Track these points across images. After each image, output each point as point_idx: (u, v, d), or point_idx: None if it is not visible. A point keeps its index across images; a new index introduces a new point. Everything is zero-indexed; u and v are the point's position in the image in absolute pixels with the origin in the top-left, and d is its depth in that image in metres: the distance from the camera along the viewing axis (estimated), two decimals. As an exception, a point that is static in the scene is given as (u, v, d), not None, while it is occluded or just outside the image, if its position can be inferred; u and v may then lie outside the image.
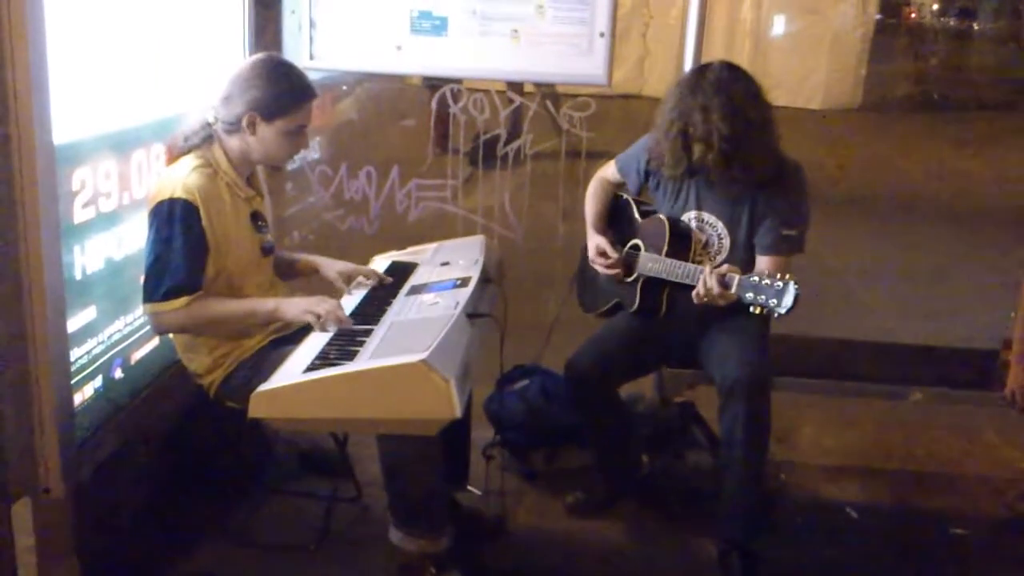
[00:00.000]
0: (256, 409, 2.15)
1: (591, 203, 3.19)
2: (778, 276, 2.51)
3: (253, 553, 2.85)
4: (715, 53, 3.26)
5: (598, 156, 3.49)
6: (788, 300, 2.46)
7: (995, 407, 3.29)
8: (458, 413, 2.09)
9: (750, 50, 13.03)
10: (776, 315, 2.50)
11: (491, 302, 2.76)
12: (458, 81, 3.61)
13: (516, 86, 3.78)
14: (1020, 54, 17.87)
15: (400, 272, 2.94)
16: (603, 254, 3.05)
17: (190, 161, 2.56)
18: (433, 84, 3.71)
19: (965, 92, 14.35)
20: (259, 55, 2.68)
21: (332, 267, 2.90)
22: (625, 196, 3.18)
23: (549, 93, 4.05)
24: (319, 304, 2.54)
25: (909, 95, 13.84)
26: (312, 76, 3.40)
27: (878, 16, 14.35)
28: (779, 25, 13.46)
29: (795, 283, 2.47)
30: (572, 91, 3.82)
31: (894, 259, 6.32)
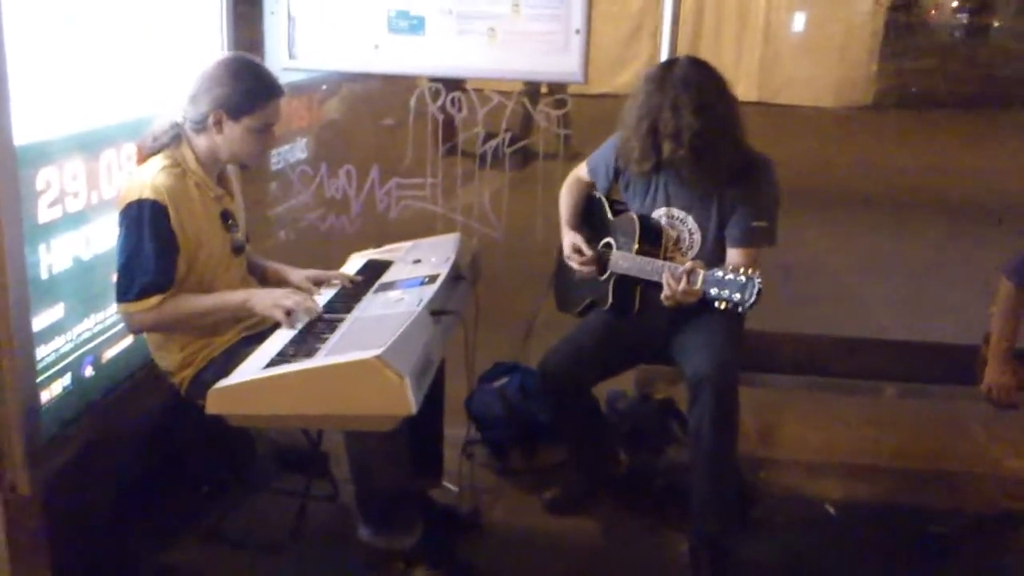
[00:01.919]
0: (214, 405, 2.17)
1: (565, 201, 3.20)
2: (742, 270, 2.50)
3: (227, 552, 2.86)
4: (726, 51, 3.29)
5: (579, 153, 3.49)
6: (750, 295, 2.45)
7: (979, 403, 3.27)
8: (413, 410, 2.09)
9: (761, 48, 13.01)
10: (740, 309, 2.49)
11: (461, 300, 2.76)
12: (439, 80, 3.62)
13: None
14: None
15: (375, 270, 2.95)
16: (578, 251, 3.06)
17: (159, 161, 2.58)
18: (414, 83, 3.72)
19: (977, 89, 14.24)
20: (227, 54, 2.71)
21: (299, 274, 2.91)
22: (598, 195, 3.18)
23: (530, 91, 4.06)
24: (288, 297, 2.56)
25: (920, 92, 13.73)
26: (294, 76, 3.45)
27: (890, 13, 14.26)
28: (790, 23, 13.41)
29: (758, 277, 2.46)
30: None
31: (900, 256, 6.29)
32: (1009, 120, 11.78)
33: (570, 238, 3.11)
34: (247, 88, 2.59)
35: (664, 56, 3.23)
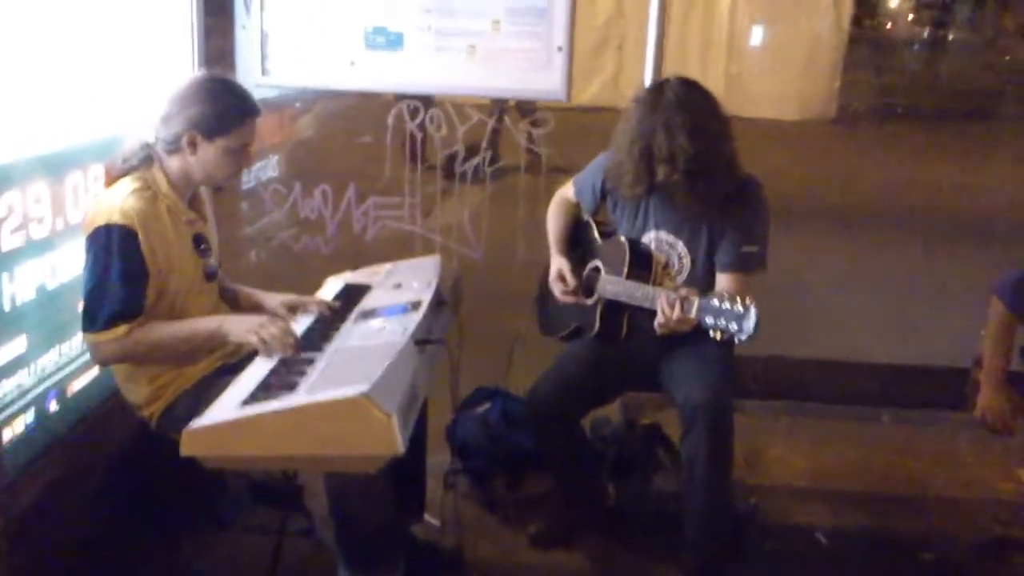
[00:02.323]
0: (189, 447, 2.04)
1: (552, 223, 3.11)
2: (738, 300, 2.42)
3: (200, 592, 2.74)
4: (691, 66, 3.22)
5: (561, 171, 3.42)
6: (749, 326, 2.37)
7: (968, 427, 3.21)
8: (401, 449, 1.98)
9: (725, 62, 13.06)
10: (737, 341, 2.41)
11: (444, 326, 2.66)
12: (416, 97, 3.52)
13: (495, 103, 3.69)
14: (993, 63, 17.99)
15: (353, 295, 2.83)
16: (563, 279, 2.97)
17: (128, 184, 2.45)
18: (392, 100, 3.62)
19: (938, 101, 14.41)
20: (200, 72, 2.59)
21: (274, 300, 2.79)
22: (586, 217, 3.10)
23: (510, 108, 3.97)
24: (266, 327, 2.43)
25: (883, 106, 13.86)
26: (266, 93, 3.34)
27: (851, 28, 14.39)
28: (754, 37, 13.48)
29: (755, 307, 2.38)
30: (546, 105, 3.74)
31: (868, 272, 6.27)
32: (972, 133, 11.92)
33: (556, 263, 3.02)
34: (222, 108, 2.48)
35: (648, 76, 3.16)
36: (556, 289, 2.98)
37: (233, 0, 3.38)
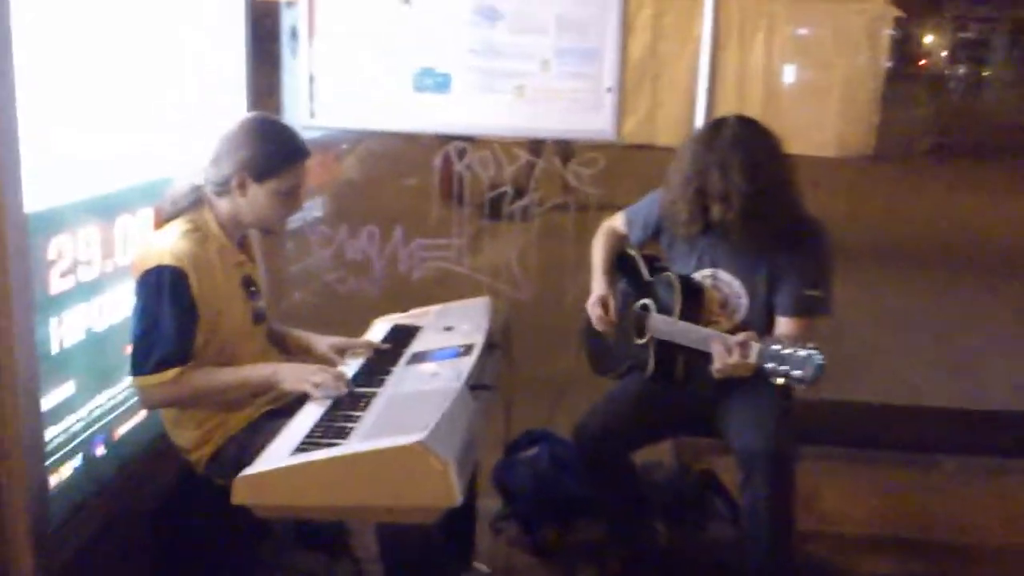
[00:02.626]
0: (239, 495, 1.99)
1: (597, 252, 3.05)
2: (800, 344, 2.34)
3: (245, 640, 2.67)
4: (726, 102, 3.16)
5: (608, 209, 3.37)
6: (812, 372, 2.29)
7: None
8: (458, 500, 1.92)
9: (762, 98, 13.01)
10: (802, 386, 2.33)
11: (496, 370, 2.60)
12: (465, 138, 3.50)
13: (535, 143, 3.68)
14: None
15: (401, 337, 2.78)
16: (604, 306, 2.90)
17: (179, 226, 2.44)
18: (439, 141, 3.61)
19: (978, 137, 14.27)
20: (250, 114, 2.58)
21: (323, 342, 2.75)
22: (631, 252, 3.04)
23: (558, 150, 3.94)
24: (318, 372, 2.39)
25: (922, 142, 13.74)
26: (312, 134, 3.33)
27: (889, 64, 14.32)
28: (790, 74, 13.45)
29: (820, 353, 2.30)
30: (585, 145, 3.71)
31: (914, 311, 6.15)
32: (1013, 168, 11.77)
33: (599, 290, 2.96)
34: (272, 150, 2.45)
35: (699, 114, 3.11)
36: (593, 313, 2.92)
37: (280, 43, 3.38)
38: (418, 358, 2.53)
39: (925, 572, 3.18)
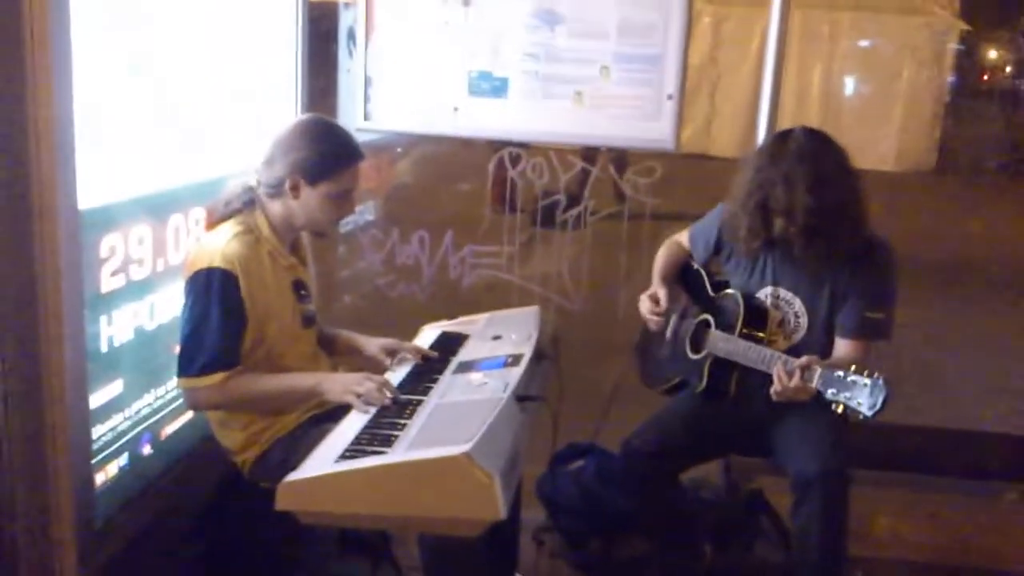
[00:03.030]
0: (283, 501, 1.97)
1: (660, 262, 3.01)
2: (865, 372, 2.27)
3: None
4: (785, 114, 3.08)
5: (663, 219, 3.32)
6: (876, 403, 2.22)
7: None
8: (503, 514, 1.88)
9: (820, 111, 12.81)
10: (862, 416, 2.25)
11: (544, 380, 2.56)
12: (520, 145, 3.47)
13: (590, 151, 3.64)
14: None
15: (449, 344, 2.75)
16: (655, 300, 2.84)
17: (231, 227, 2.43)
18: (494, 146, 3.57)
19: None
20: (304, 116, 2.56)
21: (373, 344, 2.73)
22: (696, 266, 2.97)
23: (614, 157, 3.89)
24: (362, 383, 2.36)
25: (986, 158, 13.44)
26: (366, 137, 3.31)
27: (952, 79, 14.04)
28: (850, 87, 13.24)
29: (886, 383, 2.22)
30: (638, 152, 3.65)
31: (974, 332, 5.99)
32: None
33: (654, 287, 2.90)
34: (326, 152, 2.43)
35: (762, 125, 3.04)
36: (644, 306, 2.86)
37: (337, 44, 3.37)
38: (465, 367, 2.50)
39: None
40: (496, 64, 3.20)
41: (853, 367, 2.31)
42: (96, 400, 2.21)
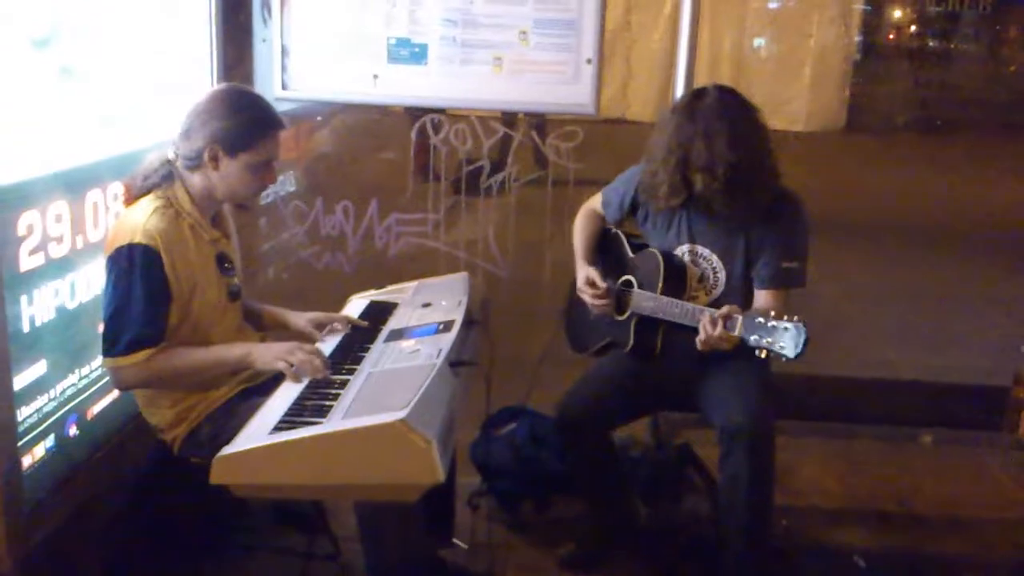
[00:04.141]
0: (218, 475, 1.96)
1: (579, 234, 3.03)
2: (785, 317, 2.34)
3: (223, 619, 2.65)
4: (700, 77, 3.12)
5: (585, 184, 3.34)
6: (797, 344, 2.29)
7: (1004, 447, 3.12)
8: (441, 477, 1.91)
9: (732, 73, 12.99)
10: (785, 359, 2.33)
11: (476, 346, 2.58)
12: (440, 111, 3.45)
13: (512, 116, 3.65)
14: (996, 75, 17.94)
15: (379, 313, 2.75)
16: (592, 284, 2.88)
17: (150, 202, 2.37)
18: (415, 113, 3.55)
19: (949, 112, 14.33)
20: (221, 85, 2.51)
21: (301, 317, 2.72)
22: (615, 229, 3.02)
23: (535, 122, 3.90)
24: (293, 352, 2.35)
25: (894, 116, 13.80)
26: (285, 106, 3.26)
27: (859, 38, 14.34)
28: (761, 48, 13.44)
29: (804, 325, 2.30)
30: (557, 117, 3.67)
31: (886, 285, 6.18)
32: (981, 144, 11.84)
33: (584, 271, 2.93)
34: (244, 122, 2.39)
35: (680, 86, 3.08)
36: (586, 296, 2.89)
37: (248, 13, 3.31)
38: (397, 335, 2.50)
39: (900, 544, 3.20)
40: (415, 31, 3.18)
41: (772, 313, 2.38)
42: (20, 382, 2.17)
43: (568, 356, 3.16)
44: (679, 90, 3.11)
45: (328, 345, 2.54)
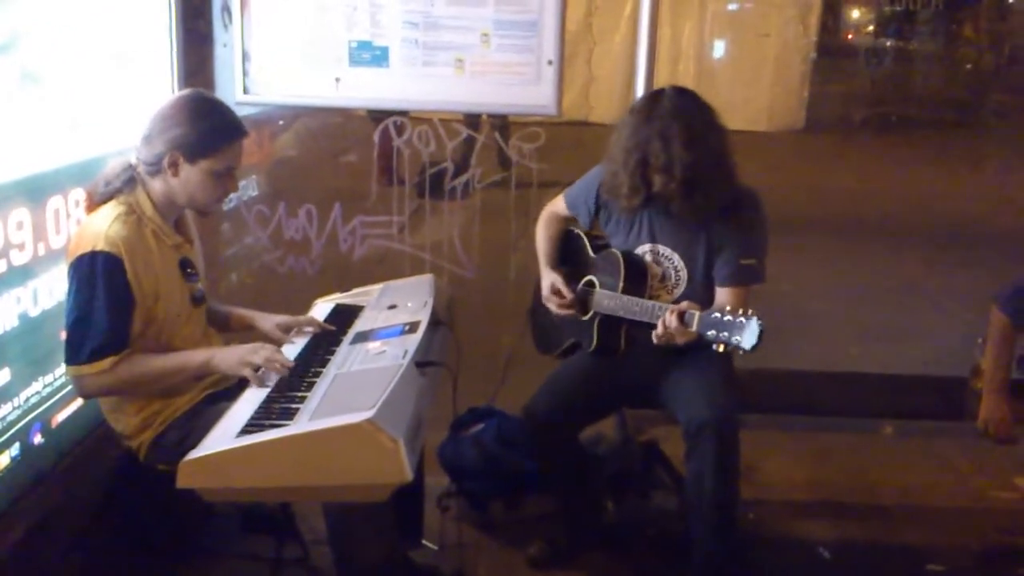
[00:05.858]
0: (185, 479, 1.96)
1: (542, 239, 3.06)
2: (740, 311, 2.38)
3: (193, 626, 2.64)
4: (659, 77, 3.16)
5: (548, 186, 3.36)
6: (752, 337, 2.33)
7: (967, 437, 3.18)
8: (409, 476, 1.92)
9: (694, 73, 13.09)
10: (740, 352, 2.37)
11: (442, 346, 2.59)
12: (402, 113, 3.46)
13: (474, 118, 3.65)
14: (953, 73, 18.26)
15: (344, 316, 2.76)
16: (557, 292, 2.91)
17: (112, 208, 2.37)
18: (377, 116, 3.55)
19: (905, 111, 14.54)
20: (185, 91, 2.51)
21: (268, 320, 2.72)
22: (576, 230, 3.04)
23: (498, 124, 3.92)
24: (256, 353, 2.35)
25: (852, 115, 13.97)
26: (247, 111, 3.26)
27: (817, 38, 14.50)
28: (722, 49, 13.55)
29: (758, 318, 2.34)
30: (517, 119, 3.69)
31: (846, 281, 6.26)
32: (938, 141, 12.04)
33: (549, 278, 2.96)
34: (205, 129, 2.38)
35: (640, 87, 3.11)
36: (551, 304, 2.93)
37: (207, 18, 3.30)
38: (363, 336, 2.51)
39: (864, 535, 3.26)
40: (376, 33, 3.18)
41: (727, 308, 2.41)
42: (-18, 391, 2.15)
43: (534, 356, 3.18)
44: (639, 92, 3.13)
45: (294, 347, 2.55)
